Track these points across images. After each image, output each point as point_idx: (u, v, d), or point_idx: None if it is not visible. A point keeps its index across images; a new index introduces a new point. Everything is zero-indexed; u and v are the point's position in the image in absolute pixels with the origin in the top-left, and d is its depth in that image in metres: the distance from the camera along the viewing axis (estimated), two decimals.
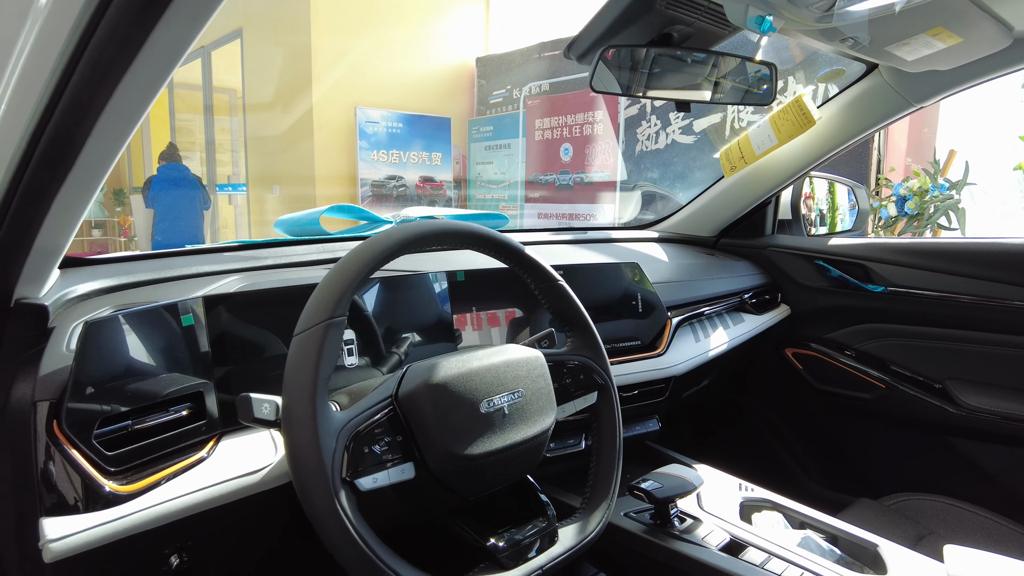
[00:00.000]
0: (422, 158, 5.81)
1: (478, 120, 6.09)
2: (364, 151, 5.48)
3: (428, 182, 5.88)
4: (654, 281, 1.38)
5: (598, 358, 0.85)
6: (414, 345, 1.02)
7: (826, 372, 1.69)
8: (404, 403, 0.66)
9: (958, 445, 1.51)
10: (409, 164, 5.75)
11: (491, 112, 6.16)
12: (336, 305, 0.64)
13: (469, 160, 6.15)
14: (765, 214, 1.81)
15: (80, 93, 0.54)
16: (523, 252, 0.82)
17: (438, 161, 5.92)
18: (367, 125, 5.47)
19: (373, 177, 5.56)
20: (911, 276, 1.55)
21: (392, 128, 5.62)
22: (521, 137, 5.59)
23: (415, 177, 5.80)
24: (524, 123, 5.59)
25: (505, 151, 5.77)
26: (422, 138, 5.79)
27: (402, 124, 5.66)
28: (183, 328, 0.80)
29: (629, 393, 1.21)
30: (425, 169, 5.85)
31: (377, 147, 5.55)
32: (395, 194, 5.71)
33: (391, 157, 5.64)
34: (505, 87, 6.10)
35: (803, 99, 1.46)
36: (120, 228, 9.61)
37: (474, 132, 6.05)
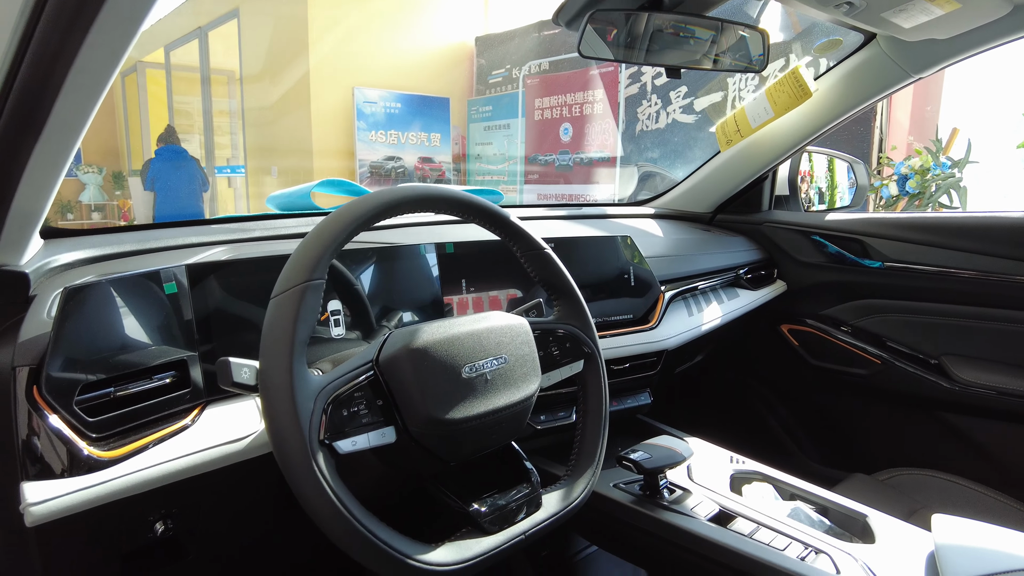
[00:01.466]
0: (421, 139, 5.77)
1: (477, 100, 6.03)
2: (362, 132, 5.44)
3: (427, 163, 5.85)
4: (648, 255, 1.36)
5: (585, 327, 0.85)
6: (403, 319, 1.01)
7: (821, 348, 1.69)
8: (385, 367, 0.66)
9: (953, 420, 1.51)
10: (408, 145, 5.71)
11: (490, 92, 6.11)
12: (314, 268, 0.63)
13: (468, 140, 6.11)
14: (762, 190, 1.80)
15: (47, 43, 0.52)
16: (509, 219, 0.81)
17: (437, 142, 5.88)
18: (365, 106, 5.42)
19: (371, 158, 5.53)
20: (908, 251, 1.53)
21: (390, 109, 5.57)
22: (520, 117, 5.55)
23: (414, 158, 5.77)
24: (523, 103, 5.55)
25: (504, 131, 5.73)
26: (421, 118, 5.75)
27: (400, 104, 5.62)
28: (166, 296, 0.80)
29: (620, 366, 1.21)
30: (424, 150, 5.81)
31: (375, 128, 5.51)
32: (394, 175, 5.68)
33: (389, 138, 5.61)
34: (504, 66, 6.04)
35: (799, 70, 1.44)
36: (120, 211, 9.60)
37: (473, 112, 6.00)
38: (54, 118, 0.61)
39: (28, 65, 0.55)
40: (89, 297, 0.72)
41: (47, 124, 0.62)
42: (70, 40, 0.52)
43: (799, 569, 0.82)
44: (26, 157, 0.64)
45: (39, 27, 0.51)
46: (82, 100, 0.60)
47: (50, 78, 0.56)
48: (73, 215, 9.78)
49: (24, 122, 0.61)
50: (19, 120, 0.61)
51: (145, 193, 5.63)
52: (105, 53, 0.56)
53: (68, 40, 0.53)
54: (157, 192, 5.52)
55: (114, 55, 0.57)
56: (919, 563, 0.84)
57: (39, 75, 0.56)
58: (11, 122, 0.60)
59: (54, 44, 0.52)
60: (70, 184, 9.79)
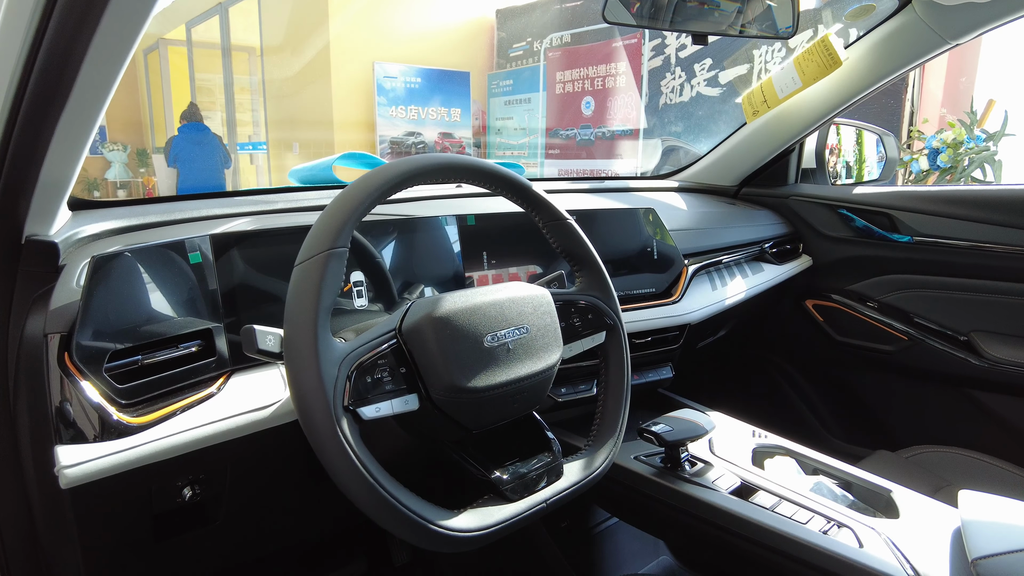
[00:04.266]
0: (441, 114, 5.74)
1: (497, 74, 5.97)
2: (382, 107, 5.43)
3: (447, 138, 5.82)
4: (672, 228, 1.35)
5: (607, 298, 0.84)
6: (424, 292, 1.01)
7: (847, 324, 1.66)
8: (408, 335, 0.66)
9: (981, 398, 1.48)
10: (428, 120, 5.68)
11: (511, 66, 6.04)
12: (338, 235, 0.63)
13: (488, 115, 6.06)
14: (788, 162, 1.76)
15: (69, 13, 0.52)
16: (530, 188, 0.80)
17: (457, 117, 5.84)
18: (385, 80, 5.40)
19: (392, 134, 5.52)
20: (939, 225, 1.50)
21: (411, 83, 5.54)
22: (541, 91, 5.48)
23: (434, 134, 5.74)
24: (544, 76, 5.47)
25: (525, 106, 5.67)
26: (441, 93, 5.71)
27: (420, 79, 5.58)
28: (191, 266, 0.81)
29: (642, 340, 1.20)
30: (444, 125, 5.78)
31: (396, 103, 5.49)
32: (414, 151, 5.66)
33: (410, 113, 5.58)
34: (525, 39, 5.96)
35: (829, 38, 1.39)
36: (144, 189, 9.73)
37: (493, 86, 5.94)
38: (78, 89, 0.61)
39: (51, 36, 0.55)
40: (117, 266, 0.73)
41: (71, 95, 0.62)
42: (92, 9, 0.53)
43: (821, 543, 0.81)
44: (52, 128, 0.65)
45: None
46: (105, 70, 0.60)
47: (73, 48, 0.56)
48: (99, 192, 9.94)
49: (49, 93, 0.61)
50: (44, 92, 0.61)
51: (169, 170, 5.70)
52: (126, 22, 0.56)
53: (90, 9, 0.53)
54: (180, 169, 5.58)
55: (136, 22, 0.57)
56: (944, 539, 0.83)
57: (61, 46, 0.56)
58: (36, 94, 0.61)
59: (76, 13, 0.52)
60: (96, 162, 9.94)
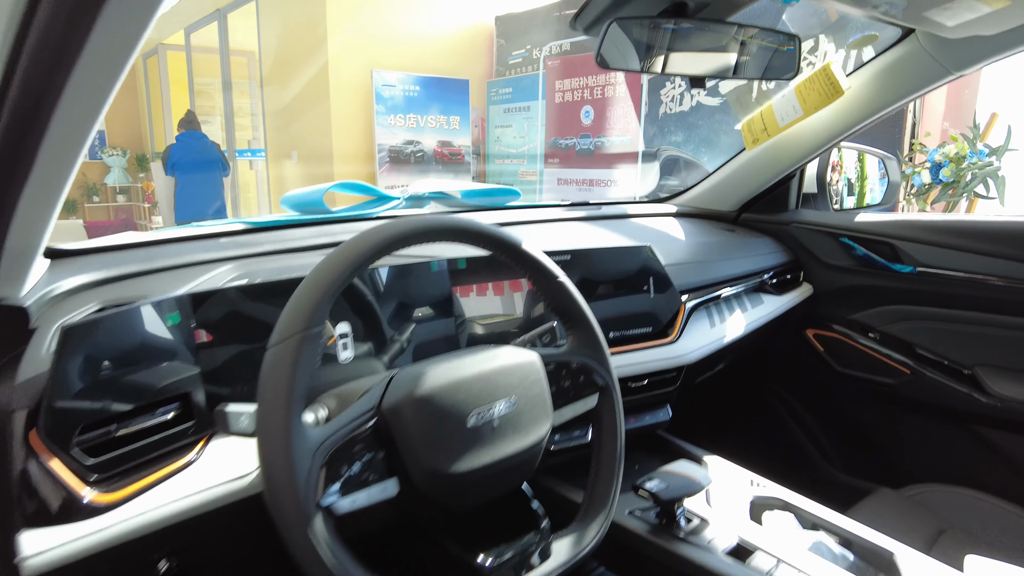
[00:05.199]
0: (440, 122, 5.71)
1: (497, 81, 5.94)
2: (381, 116, 5.40)
3: (446, 147, 5.79)
4: (669, 263, 1.32)
5: (600, 358, 0.81)
6: (417, 329, 0.98)
7: (848, 355, 1.63)
8: (388, 414, 0.63)
9: (987, 435, 1.45)
10: (427, 128, 5.65)
11: (510, 73, 6.01)
12: (311, 316, 0.60)
13: (488, 123, 6.03)
14: (789, 188, 1.73)
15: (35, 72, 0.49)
16: (520, 247, 0.77)
17: (456, 125, 5.81)
18: (383, 89, 5.37)
19: (390, 142, 5.49)
20: (942, 256, 1.46)
21: (409, 92, 5.51)
22: (540, 99, 5.45)
23: (433, 142, 5.71)
24: (543, 85, 5.44)
25: (524, 114, 5.64)
26: (440, 101, 5.68)
27: (419, 87, 5.55)
28: (169, 327, 0.78)
29: (639, 383, 1.17)
30: (443, 133, 5.75)
31: (394, 111, 5.46)
32: (413, 159, 5.64)
33: (408, 121, 5.55)
34: (525, 47, 5.93)
35: (831, 67, 1.36)
36: (144, 194, 9.72)
37: (493, 94, 5.91)
38: (45, 151, 0.58)
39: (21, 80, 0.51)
40: (88, 333, 0.70)
41: (37, 158, 0.59)
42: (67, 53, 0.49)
43: None
44: (17, 193, 0.62)
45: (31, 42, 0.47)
46: (82, 114, 0.57)
47: (45, 94, 0.53)
48: (99, 198, 9.93)
49: (12, 160, 0.58)
50: (7, 158, 0.58)
51: (166, 178, 5.67)
52: (96, 84, 0.52)
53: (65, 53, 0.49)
54: (178, 177, 5.56)
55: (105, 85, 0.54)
56: None
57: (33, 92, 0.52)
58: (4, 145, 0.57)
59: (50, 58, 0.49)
60: (95, 167, 9.93)
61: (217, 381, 0.80)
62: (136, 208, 10.09)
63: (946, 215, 1.51)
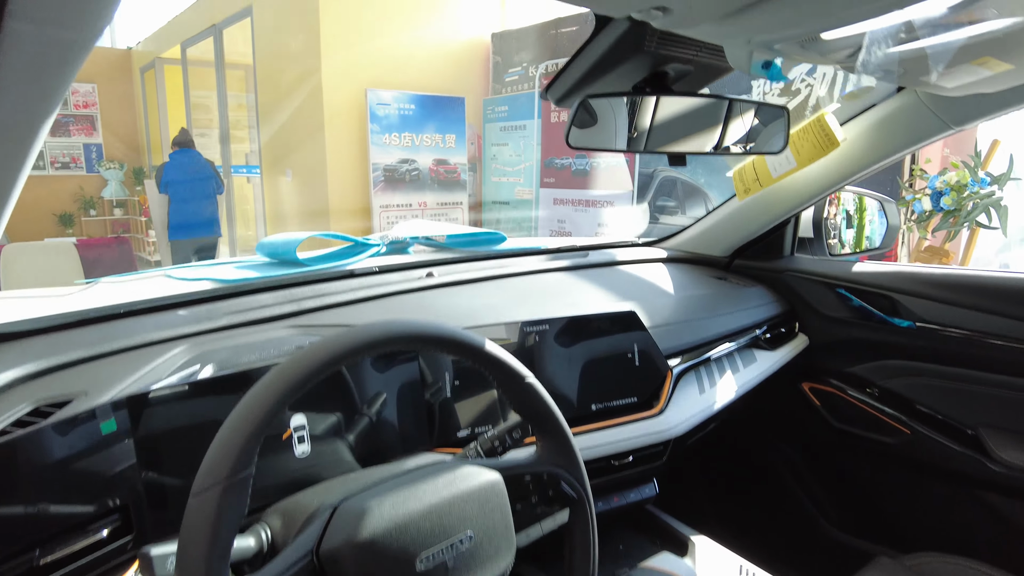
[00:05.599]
0: (435, 140, 5.66)
1: (493, 99, 5.90)
2: (376, 135, 5.35)
3: (442, 165, 5.74)
4: (656, 324, 1.26)
5: (572, 468, 0.74)
6: (381, 417, 0.92)
7: (846, 410, 1.56)
8: (326, 561, 0.56)
9: (992, 502, 1.38)
10: (422, 147, 5.61)
11: (507, 91, 5.96)
12: (236, 461, 0.53)
13: (484, 141, 5.99)
14: (784, 234, 1.67)
15: None
16: (483, 348, 0.71)
17: (452, 143, 5.77)
18: (378, 108, 5.32)
19: (385, 161, 5.44)
20: (943, 312, 1.40)
21: (404, 110, 5.46)
22: (536, 118, 5.41)
23: (429, 160, 5.66)
24: (539, 103, 5.40)
25: (520, 132, 5.59)
26: (435, 120, 5.63)
27: (414, 106, 5.50)
28: (103, 435, 0.71)
29: (623, 460, 1.11)
30: (439, 152, 5.70)
31: (389, 130, 5.41)
32: (408, 178, 5.59)
33: (404, 140, 5.50)
34: (521, 64, 5.89)
35: (825, 118, 1.31)
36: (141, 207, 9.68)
37: (489, 112, 5.87)
38: None
39: None
40: (9, 454, 0.64)
41: None
42: None
43: None
44: None
45: None
46: None
47: None
48: (96, 211, 9.90)
49: None
50: None
51: (160, 196, 5.62)
52: None
53: None
54: (171, 196, 5.50)
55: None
56: None
57: None
58: None
59: None
60: (92, 180, 9.90)
61: (162, 488, 0.74)
62: (133, 221, 10.06)
63: (947, 268, 1.44)
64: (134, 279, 1.46)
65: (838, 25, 0.56)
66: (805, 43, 0.64)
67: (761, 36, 0.62)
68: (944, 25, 0.59)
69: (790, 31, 0.59)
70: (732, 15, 0.56)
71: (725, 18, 0.57)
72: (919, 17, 0.55)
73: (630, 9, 0.52)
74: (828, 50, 0.68)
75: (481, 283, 1.34)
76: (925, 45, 0.65)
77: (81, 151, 9.97)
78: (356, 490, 0.63)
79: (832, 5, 0.53)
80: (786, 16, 0.56)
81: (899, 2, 0.51)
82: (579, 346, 1.10)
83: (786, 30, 0.59)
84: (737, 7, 0.55)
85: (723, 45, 0.71)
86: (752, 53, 0.70)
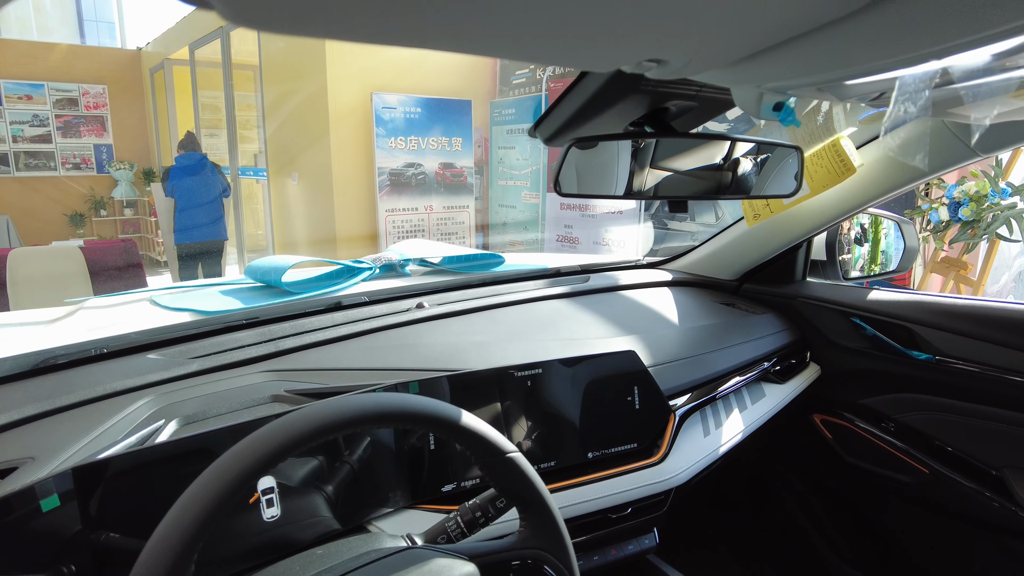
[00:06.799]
0: (442, 143, 5.59)
1: (500, 102, 5.82)
2: (381, 139, 5.29)
3: (448, 169, 5.68)
4: (658, 362, 1.18)
5: (560, 552, 0.68)
6: (357, 477, 0.86)
7: (859, 446, 1.48)
8: None
9: (1017, 549, 1.29)
10: (428, 151, 5.54)
11: (514, 94, 5.89)
12: (171, 568, 0.47)
13: (491, 144, 5.92)
14: (796, 257, 1.59)
15: None
16: (458, 422, 0.64)
17: (459, 146, 5.70)
18: (384, 112, 5.26)
19: (391, 165, 5.38)
20: (965, 346, 1.32)
21: (410, 114, 5.40)
22: None
23: (435, 164, 5.60)
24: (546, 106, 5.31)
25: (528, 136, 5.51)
26: (441, 123, 5.57)
27: (420, 109, 5.44)
28: (44, 514, 0.65)
29: (621, 513, 1.04)
30: (445, 155, 5.64)
31: (395, 134, 5.35)
32: (414, 182, 5.53)
33: (409, 144, 5.44)
34: (528, 66, 5.81)
35: (840, 143, 1.23)
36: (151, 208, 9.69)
37: (496, 115, 5.79)
38: None
39: None
40: None
41: None
42: None
43: None
44: None
45: None
46: None
47: None
48: (106, 211, 9.93)
49: None
50: None
51: (166, 200, 5.60)
52: None
53: None
54: (177, 200, 5.48)
55: None
56: None
57: None
58: None
59: None
60: (103, 180, 9.93)
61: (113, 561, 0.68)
62: (143, 221, 10.08)
63: (969, 299, 1.36)
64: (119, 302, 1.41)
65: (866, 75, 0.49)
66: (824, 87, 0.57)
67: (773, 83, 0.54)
68: (986, 71, 0.52)
69: (806, 79, 0.52)
70: (738, 63, 0.49)
71: (731, 65, 0.50)
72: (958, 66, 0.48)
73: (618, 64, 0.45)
74: (850, 94, 0.61)
75: (473, 314, 1.28)
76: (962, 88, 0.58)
77: (92, 152, 10.00)
78: None
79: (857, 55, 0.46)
80: (802, 63, 0.49)
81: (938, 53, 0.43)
82: (574, 390, 1.03)
83: (801, 78, 0.52)
84: (743, 54, 0.48)
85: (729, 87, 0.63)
86: (762, 96, 0.63)
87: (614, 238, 4.90)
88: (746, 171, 0.78)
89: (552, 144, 0.79)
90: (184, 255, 5.61)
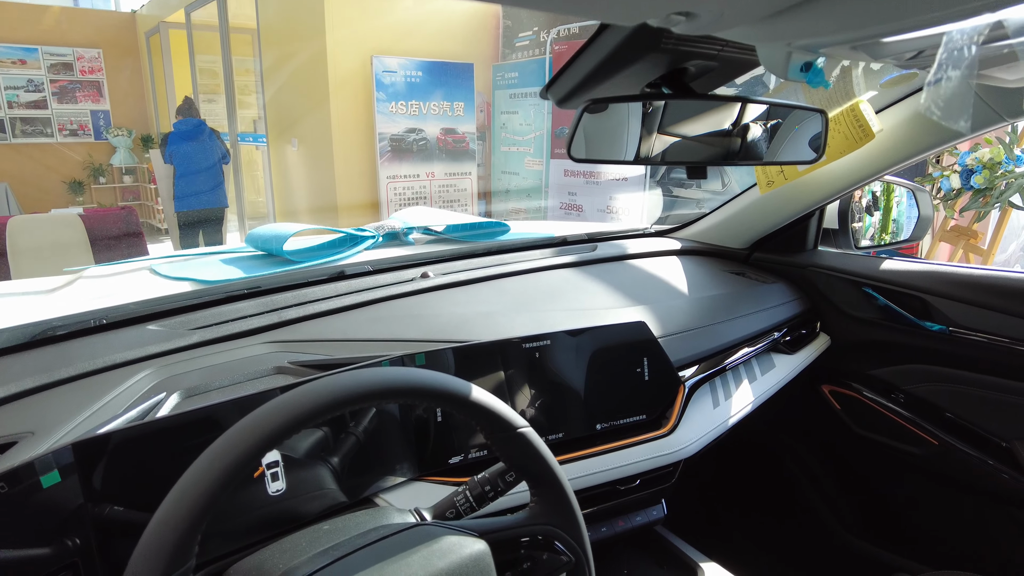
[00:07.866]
0: (443, 108, 5.50)
1: (503, 65, 5.70)
2: (382, 103, 5.20)
3: (450, 134, 5.59)
4: (668, 333, 1.16)
5: (571, 527, 0.66)
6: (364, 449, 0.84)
7: (868, 417, 1.47)
8: None
9: None
10: (430, 115, 5.45)
11: (517, 56, 5.76)
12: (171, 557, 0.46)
13: (493, 109, 5.81)
14: (808, 226, 1.55)
15: None
16: (469, 396, 0.62)
17: (460, 111, 5.60)
18: (384, 76, 5.16)
19: (392, 131, 5.30)
20: (980, 317, 1.29)
21: (411, 77, 5.30)
22: None
23: (436, 129, 5.51)
24: (550, 70, 5.21)
25: (531, 100, 5.41)
26: (443, 87, 5.46)
27: (421, 73, 5.33)
28: (45, 490, 0.64)
29: (629, 485, 1.03)
30: (447, 120, 5.55)
31: (395, 98, 5.26)
32: (415, 148, 5.45)
33: (411, 109, 5.35)
34: (532, 29, 5.67)
35: (860, 107, 1.18)
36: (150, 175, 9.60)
37: (498, 78, 5.68)
38: None
39: None
40: None
41: None
42: None
43: None
44: None
45: None
46: None
47: None
48: (105, 179, 9.84)
49: None
50: None
51: (166, 167, 5.54)
52: None
53: None
54: (176, 166, 5.41)
55: None
56: None
57: None
58: None
59: None
60: (101, 147, 9.82)
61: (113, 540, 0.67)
62: (143, 189, 10.00)
63: (984, 268, 1.33)
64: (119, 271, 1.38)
65: (912, 29, 0.45)
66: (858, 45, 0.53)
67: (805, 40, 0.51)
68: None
69: (843, 35, 0.48)
70: (771, 18, 0.46)
71: (762, 21, 0.46)
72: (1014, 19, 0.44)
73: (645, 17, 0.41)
74: (886, 53, 0.57)
75: (479, 284, 1.25)
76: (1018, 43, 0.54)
77: (88, 118, 9.86)
78: (323, 563, 0.56)
79: (903, 7, 0.42)
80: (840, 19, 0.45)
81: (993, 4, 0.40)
82: (582, 361, 1.01)
83: (838, 34, 0.48)
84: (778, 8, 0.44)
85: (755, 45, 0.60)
86: (791, 55, 0.59)
87: (619, 205, 4.84)
88: (758, 136, 0.74)
89: (564, 106, 0.76)
90: (184, 223, 5.57)
